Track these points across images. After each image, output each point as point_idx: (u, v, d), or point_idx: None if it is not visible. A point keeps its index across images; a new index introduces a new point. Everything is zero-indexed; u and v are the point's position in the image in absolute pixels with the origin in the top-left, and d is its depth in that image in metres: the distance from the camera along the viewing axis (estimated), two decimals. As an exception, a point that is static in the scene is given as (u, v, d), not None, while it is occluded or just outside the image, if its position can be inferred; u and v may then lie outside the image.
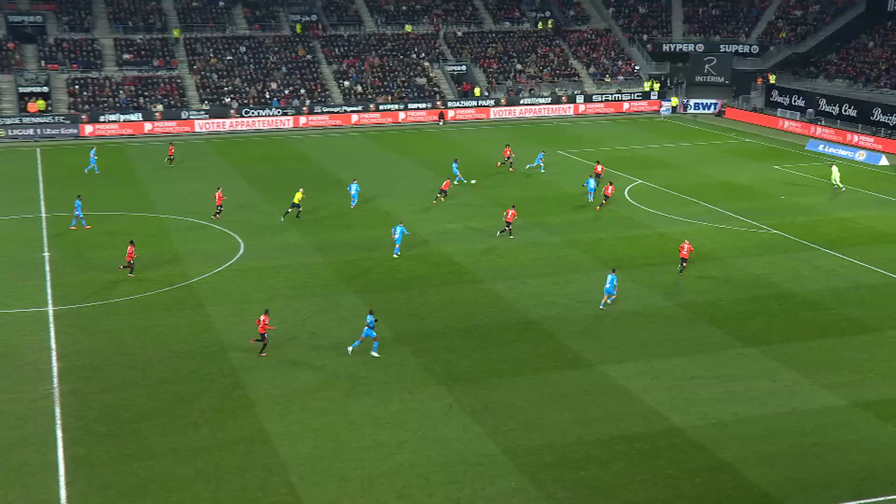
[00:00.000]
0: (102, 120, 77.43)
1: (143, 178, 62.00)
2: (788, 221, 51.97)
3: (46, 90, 79.23)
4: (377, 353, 33.62)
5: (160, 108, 79.86)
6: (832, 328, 36.95)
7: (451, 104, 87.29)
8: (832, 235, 49.53)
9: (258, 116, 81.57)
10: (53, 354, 33.55)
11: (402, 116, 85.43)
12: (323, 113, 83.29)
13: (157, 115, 78.90)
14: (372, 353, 33.60)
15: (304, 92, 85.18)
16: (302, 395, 30.74)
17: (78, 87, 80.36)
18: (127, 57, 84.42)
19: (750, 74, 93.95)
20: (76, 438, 27.75)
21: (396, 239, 44.80)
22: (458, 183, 58.35)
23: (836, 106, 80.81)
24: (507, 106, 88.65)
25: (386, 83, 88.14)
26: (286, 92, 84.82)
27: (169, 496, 24.95)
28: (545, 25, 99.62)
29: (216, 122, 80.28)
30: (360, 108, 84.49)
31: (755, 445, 27.86)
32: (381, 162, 68.04)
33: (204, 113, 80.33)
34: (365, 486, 25.53)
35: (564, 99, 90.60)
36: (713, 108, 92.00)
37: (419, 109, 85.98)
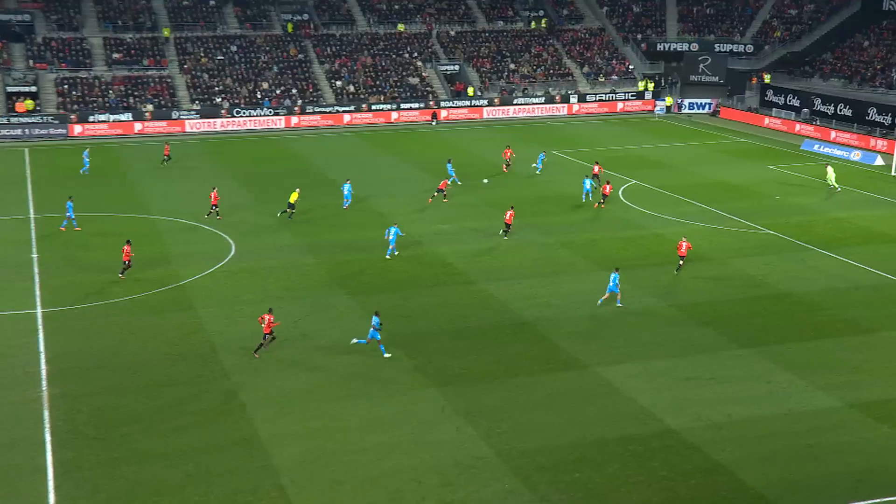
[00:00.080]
0: (92, 120, 76.97)
1: (133, 178, 61.63)
2: (783, 222, 51.86)
3: (35, 90, 78.72)
4: (387, 353, 33.41)
5: (150, 108, 79.45)
6: (828, 329, 36.83)
7: (443, 104, 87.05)
8: (827, 236, 49.43)
9: (249, 116, 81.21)
10: (42, 357, 33.24)
11: (394, 116, 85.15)
12: (315, 113, 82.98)
13: (147, 115, 78.48)
14: (384, 354, 33.37)
15: (295, 92, 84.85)
16: (294, 397, 30.52)
17: (67, 86, 79.88)
18: (116, 56, 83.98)
19: (744, 74, 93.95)
20: (65, 442, 27.49)
21: (390, 240, 44.59)
22: (452, 183, 58.00)
23: (831, 105, 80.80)
24: (500, 106, 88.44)
25: (378, 83, 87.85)
26: (278, 92, 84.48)
27: (159, 500, 24.72)
28: (539, 24, 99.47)
29: (207, 122, 79.91)
30: (352, 107, 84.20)
31: (751, 447, 27.73)
32: (373, 162, 67.78)
33: (195, 113, 79.94)
34: (357, 489, 25.34)
35: (558, 99, 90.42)
36: (708, 107, 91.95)
37: (412, 109, 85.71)
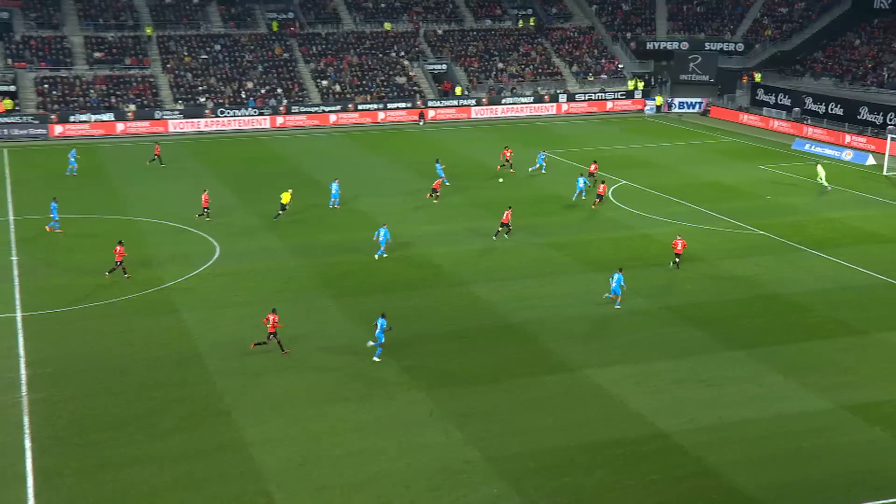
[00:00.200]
0: (73, 120, 76.20)
1: (115, 179, 61.06)
2: (775, 222, 51.66)
3: (14, 89, 77.87)
4: (377, 357, 33.04)
5: (133, 107, 78.75)
6: (819, 330, 36.63)
7: (431, 104, 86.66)
8: (819, 236, 49.25)
9: (234, 116, 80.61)
10: (22, 361, 32.73)
11: (381, 116, 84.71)
12: (300, 113, 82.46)
13: (129, 115, 77.77)
14: (375, 358, 33.04)
15: (280, 91, 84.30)
16: (280, 401, 30.13)
17: (47, 86, 79.05)
18: (98, 55, 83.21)
19: (735, 73, 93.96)
20: (45, 448, 27.04)
21: (380, 241, 44.17)
22: (441, 184, 57.49)
23: (822, 104, 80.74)
24: (488, 105, 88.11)
25: (365, 82, 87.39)
26: (262, 91, 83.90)
27: (141, 508, 24.31)
28: (527, 23, 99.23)
29: (190, 122, 79.26)
30: (338, 107, 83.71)
31: (743, 450, 27.50)
32: (360, 163, 67.35)
33: (178, 113, 79.27)
34: (344, 494, 25.03)
35: (547, 98, 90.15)
36: (698, 106, 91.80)
37: (399, 109, 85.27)
